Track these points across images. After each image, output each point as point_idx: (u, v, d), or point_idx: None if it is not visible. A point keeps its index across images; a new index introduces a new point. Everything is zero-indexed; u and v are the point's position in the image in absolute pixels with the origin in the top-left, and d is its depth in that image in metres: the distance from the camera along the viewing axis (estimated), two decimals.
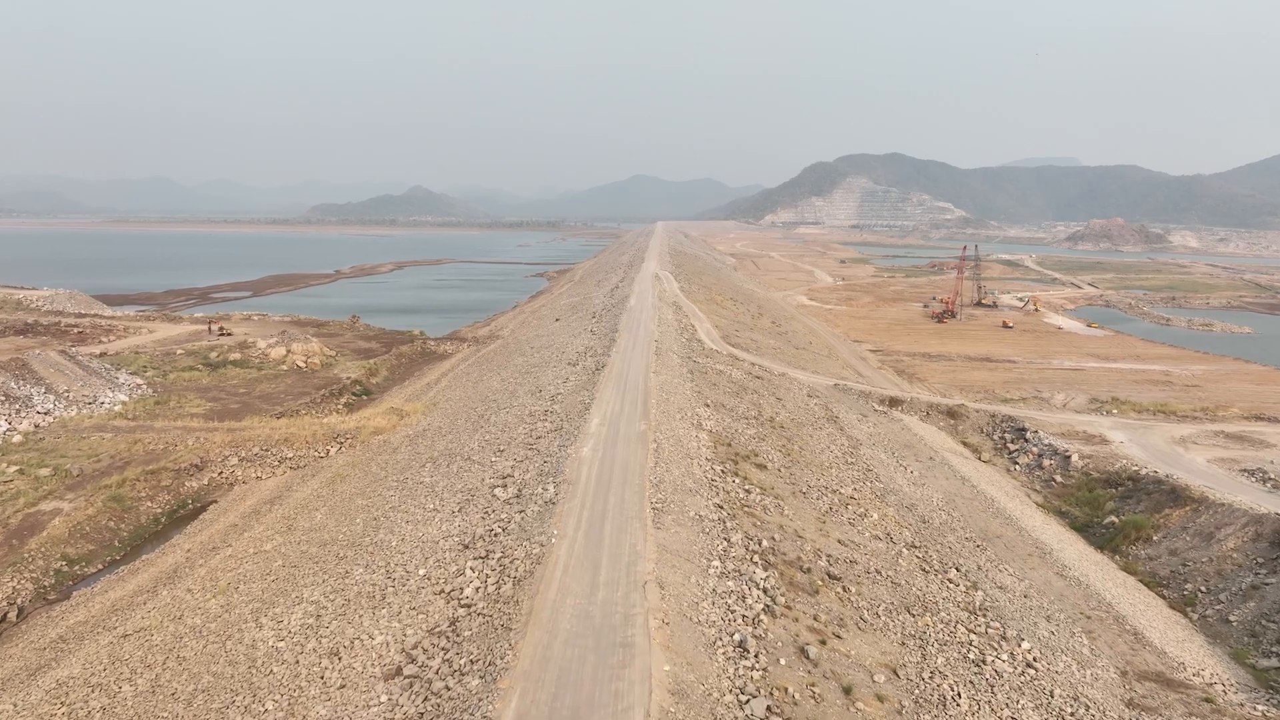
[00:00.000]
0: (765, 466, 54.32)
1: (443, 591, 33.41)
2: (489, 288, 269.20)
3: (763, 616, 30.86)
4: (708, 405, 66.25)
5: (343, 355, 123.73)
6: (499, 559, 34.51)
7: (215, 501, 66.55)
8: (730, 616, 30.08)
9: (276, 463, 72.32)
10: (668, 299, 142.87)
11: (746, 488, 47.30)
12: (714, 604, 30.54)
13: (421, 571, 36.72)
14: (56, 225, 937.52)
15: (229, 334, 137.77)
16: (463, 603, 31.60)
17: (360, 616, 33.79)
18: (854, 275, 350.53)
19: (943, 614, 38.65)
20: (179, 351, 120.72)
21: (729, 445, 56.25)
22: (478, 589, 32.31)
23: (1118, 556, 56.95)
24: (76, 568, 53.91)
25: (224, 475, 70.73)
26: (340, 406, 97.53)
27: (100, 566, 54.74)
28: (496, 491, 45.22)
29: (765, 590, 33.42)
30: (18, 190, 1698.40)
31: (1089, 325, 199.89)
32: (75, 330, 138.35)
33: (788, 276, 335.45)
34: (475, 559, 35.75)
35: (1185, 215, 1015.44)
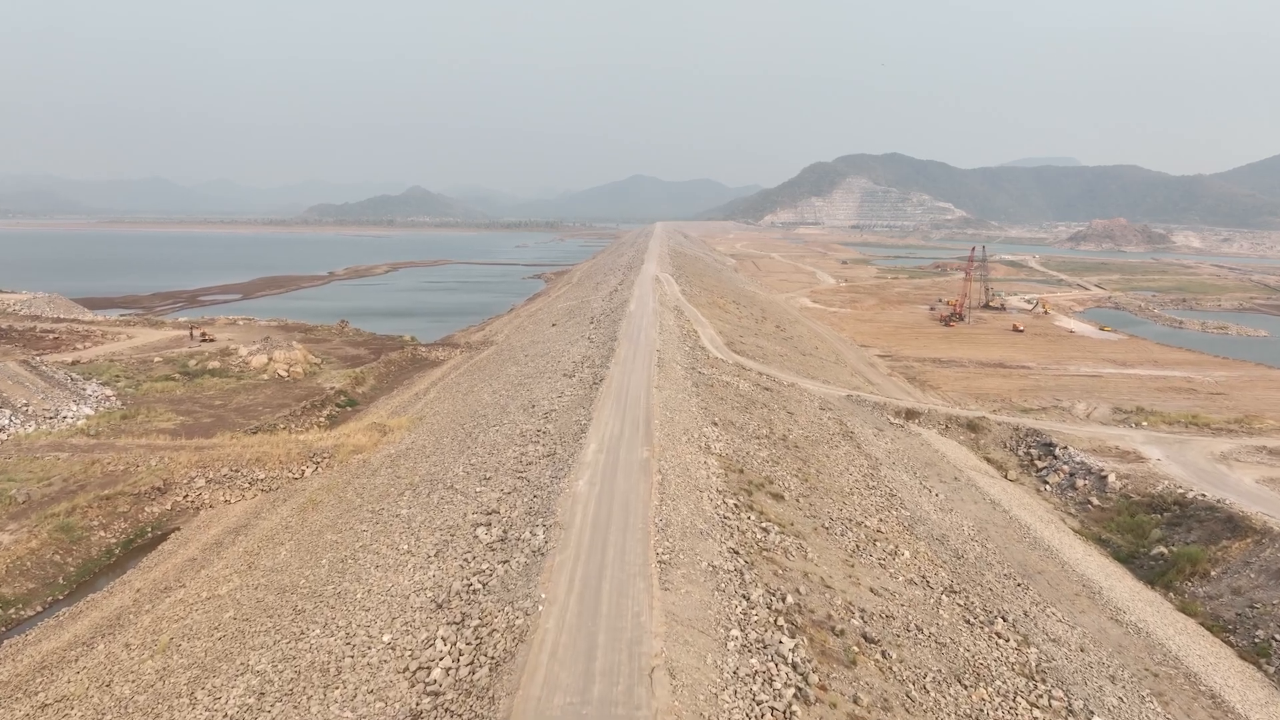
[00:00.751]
0: (782, 497, 48.66)
1: (407, 670, 27.71)
2: (485, 290, 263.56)
3: (795, 706, 25.21)
4: (715, 424, 60.58)
5: (328, 363, 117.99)
6: (476, 628, 28.82)
7: (178, 529, 60.90)
8: (756, 710, 24.43)
9: (247, 485, 66.63)
10: (669, 303, 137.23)
11: (764, 525, 41.64)
12: (736, 693, 24.88)
13: (386, 638, 31.04)
14: (53, 226, 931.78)
15: (211, 340, 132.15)
16: (429, 688, 25.92)
17: (308, 699, 28.11)
18: (856, 276, 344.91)
19: (998, 682, 33.03)
20: (156, 359, 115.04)
21: (741, 472, 50.59)
22: (448, 670, 26.62)
23: (1172, 594, 51.30)
24: (13, 610, 48.16)
25: (189, 499, 65.04)
26: (323, 419, 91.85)
27: (40, 608, 48.98)
28: (479, 532, 39.55)
29: (795, 666, 27.76)
30: (16, 191, 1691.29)
31: (1102, 329, 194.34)
32: (51, 336, 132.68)
33: (789, 278, 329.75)
34: (449, 625, 30.07)
35: (1186, 215, 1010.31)
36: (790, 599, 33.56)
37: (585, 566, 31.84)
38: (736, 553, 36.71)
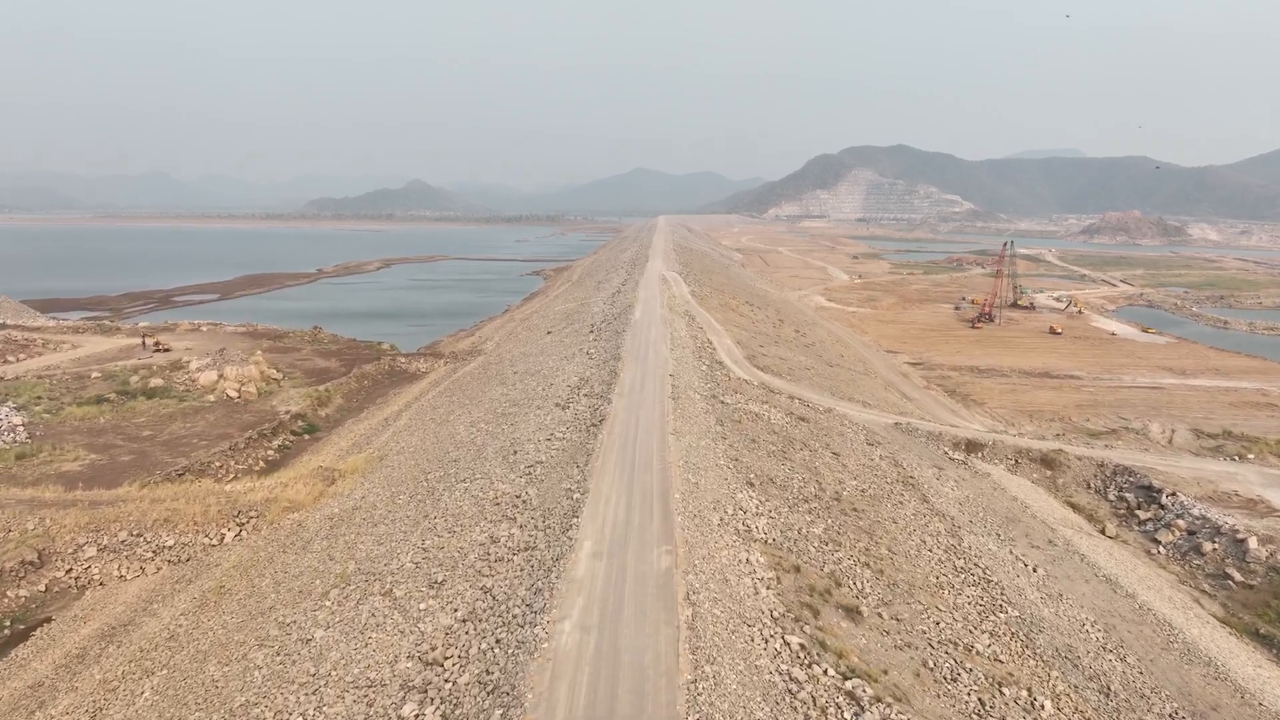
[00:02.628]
0: (858, 610, 34.09)
1: None
2: (480, 288, 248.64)
3: None
4: (751, 485, 45.97)
5: (291, 378, 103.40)
6: None
7: (49, 620, 46.59)
8: None
9: (150, 554, 52.24)
10: (678, 307, 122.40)
11: (848, 683, 27.06)
12: None
13: None
14: (48, 222, 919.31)
15: (166, 350, 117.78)
16: None
17: None
18: (870, 272, 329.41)
19: None
20: (95, 374, 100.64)
21: (797, 570, 36.01)
22: None
23: None
24: None
25: (73, 574, 50.62)
26: (271, 452, 77.39)
27: None
28: (406, 713, 25.00)
29: None
30: (15, 187, 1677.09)
31: (1145, 330, 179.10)
32: None
33: (800, 274, 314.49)
34: None
35: (1197, 207, 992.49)
36: None
37: None
38: None
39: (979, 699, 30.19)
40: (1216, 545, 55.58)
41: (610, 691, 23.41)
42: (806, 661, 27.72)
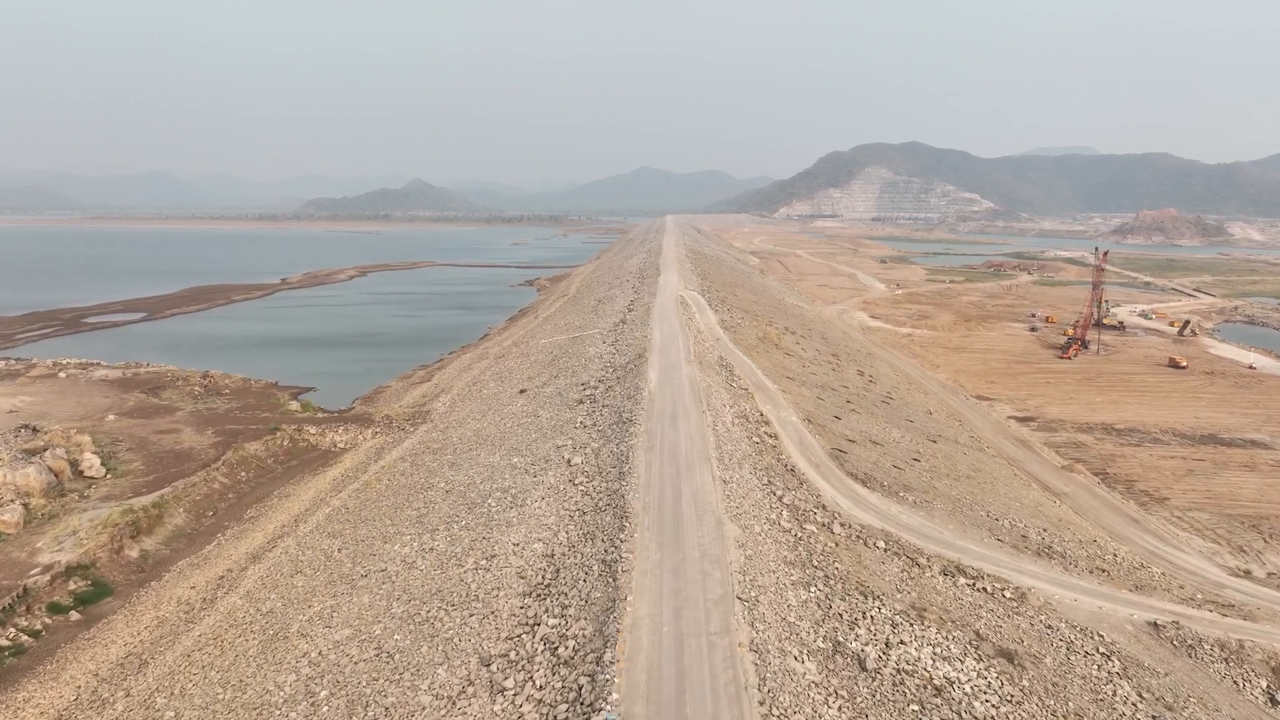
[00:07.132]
0: None
1: None
2: (460, 303, 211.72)
3: None
4: None
5: (119, 472, 67.11)
6: None
7: None
8: None
9: None
10: (709, 353, 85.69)
11: None
12: None
13: None
14: (40, 223, 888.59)
15: None
16: None
17: None
18: (907, 280, 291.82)
19: None
20: None
21: None
22: None
23: None
24: None
25: None
26: None
27: None
28: None
29: None
30: (15, 186, 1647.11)
31: None
32: None
33: (829, 282, 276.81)
34: None
35: (1225, 205, 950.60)
36: None
37: None
38: None
39: None
40: None
41: None
42: None
